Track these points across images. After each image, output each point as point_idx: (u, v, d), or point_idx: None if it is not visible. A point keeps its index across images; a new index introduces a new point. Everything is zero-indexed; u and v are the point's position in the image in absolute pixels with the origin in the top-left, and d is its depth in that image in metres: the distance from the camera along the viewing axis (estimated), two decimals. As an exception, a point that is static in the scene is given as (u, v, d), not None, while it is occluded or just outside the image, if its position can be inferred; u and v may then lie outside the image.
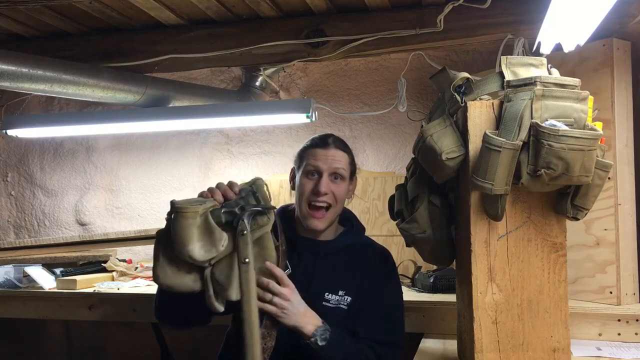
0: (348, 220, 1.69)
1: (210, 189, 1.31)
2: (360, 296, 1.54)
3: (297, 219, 1.62)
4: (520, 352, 1.21)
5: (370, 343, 1.49)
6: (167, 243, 1.20)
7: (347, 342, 1.44)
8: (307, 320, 1.40)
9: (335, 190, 1.54)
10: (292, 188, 1.64)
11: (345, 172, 1.57)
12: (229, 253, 1.21)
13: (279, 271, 1.38)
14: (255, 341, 1.16)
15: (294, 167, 1.65)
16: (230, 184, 1.32)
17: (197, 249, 1.17)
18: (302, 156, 1.60)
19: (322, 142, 1.59)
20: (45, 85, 1.89)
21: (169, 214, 1.24)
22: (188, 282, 1.22)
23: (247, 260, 1.18)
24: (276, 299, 1.37)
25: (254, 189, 1.29)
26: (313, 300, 1.50)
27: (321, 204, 1.53)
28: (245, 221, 1.20)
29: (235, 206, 1.24)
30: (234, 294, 1.21)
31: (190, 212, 1.17)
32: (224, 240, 1.19)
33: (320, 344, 1.38)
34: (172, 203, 1.21)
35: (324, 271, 1.55)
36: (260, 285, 1.34)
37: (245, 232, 1.19)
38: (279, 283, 1.37)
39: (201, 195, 1.30)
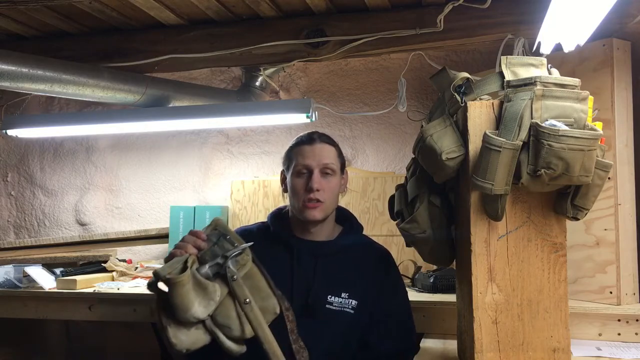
0: (346, 219, 1.68)
1: (180, 246, 1.34)
2: (367, 303, 1.53)
3: (292, 221, 1.62)
4: (520, 352, 1.21)
5: (385, 355, 1.50)
6: (168, 311, 1.26)
7: None
8: None
9: (327, 186, 1.54)
10: (285, 190, 1.64)
11: (334, 165, 1.57)
12: (222, 299, 1.29)
13: None
14: None
15: (283, 170, 1.64)
16: (196, 234, 1.35)
17: (198, 308, 1.25)
18: (290, 156, 1.59)
19: (308, 138, 1.59)
20: (45, 85, 1.89)
21: (152, 285, 1.30)
22: (201, 336, 1.28)
23: (247, 300, 1.28)
24: None
25: (221, 230, 1.36)
26: (315, 303, 1.49)
27: (314, 200, 1.53)
28: (232, 267, 1.29)
29: (215, 256, 1.31)
30: (247, 331, 1.29)
31: (184, 279, 1.23)
32: (217, 291, 1.27)
33: None
34: (157, 274, 1.25)
35: (325, 273, 1.54)
36: None
37: (236, 276, 1.28)
38: None
39: (174, 255, 1.33)
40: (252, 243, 1.35)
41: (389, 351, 1.51)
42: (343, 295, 1.52)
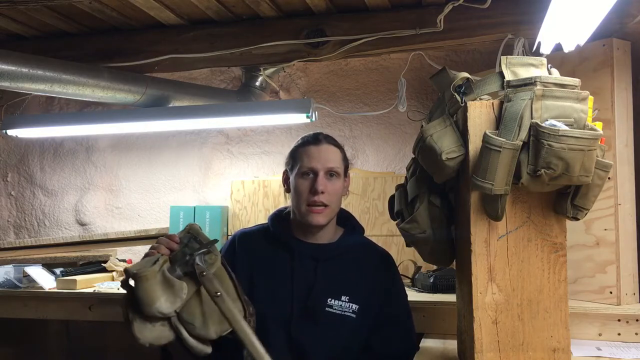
0: (347, 220, 1.67)
1: (154, 247, 1.36)
2: (369, 307, 1.53)
3: (293, 222, 1.61)
4: (520, 352, 1.21)
5: (388, 357, 1.50)
6: (135, 306, 1.27)
7: None
8: None
9: (331, 188, 1.53)
10: (287, 191, 1.62)
11: (339, 169, 1.57)
12: (189, 297, 1.30)
13: None
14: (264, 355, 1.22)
15: (286, 170, 1.62)
16: (169, 237, 1.37)
17: (164, 303, 1.25)
18: (295, 156, 1.58)
19: (314, 139, 1.58)
20: (45, 85, 1.89)
21: (123, 282, 1.32)
22: (165, 333, 1.29)
23: (218, 293, 1.27)
24: None
25: (193, 233, 1.38)
26: (315, 306, 1.49)
27: (319, 204, 1.52)
28: (200, 263, 1.31)
29: (184, 256, 1.33)
30: (211, 329, 1.29)
31: (149, 273, 1.25)
32: (184, 289, 1.28)
33: None
34: (127, 271, 1.28)
35: (326, 276, 1.53)
36: None
37: (205, 272, 1.29)
38: None
39: (148, 255, 1.35)
40: (217, 240, 1.37)
41: (392, 353, 1.51)
42: (343, 298, 1.52)
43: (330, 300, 1.51)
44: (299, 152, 1.57)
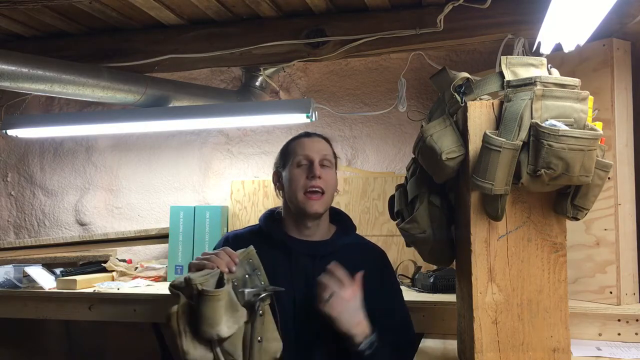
0: (340, 218, 1.68)
1: (213, 259, 1.33)
2: (367, 301, 1.53)
3: (286, 221, 1.62)
4: (520, 352, 1.21)
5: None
6: (191, 319, 1.24)
7: (388, 350, 1.46)
8: (359, 330, 1.42)
9: (326, 177, 1.58)
10: (279, 188, 1.65)
11: (332, 160, 1.63)
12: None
13: (340, 273, 1.43)
14: None
15: (277, 170, 1.66)
16: (231, 254, 1.35)
17: (224, 327, 1.23)
18: (288, 151, 1.63)
19: (305, 134, 1.65)
20: (45, 85, 1.89)
21: (177, 287, 1.27)
22: (207, 355, 1.27)
23: (260, 339, 1.28)
24: (333, 300, 1.40)
25: (255, 263, 1.37)
26: (315, 303, 1.50)
27: (317, 189, 1.55)
28: (262, 303, 1.30)
29: (244, 284, 1.32)
30: None
31: (222, 294, 1.22)
32: (244, 317, 1.27)
33: (366, 353, 1.41)
34: (190, 280, 1.24)
35: (324, 272, 1.54)
36: (321, 284, 1.42)
37: (262, 312, 1.29)
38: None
39: (203, 265, 1.32)
40: (283, 289, 1.36)
41: (392, 345, 1.51)
42: None
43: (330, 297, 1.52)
44: (292, 145, 1.62)
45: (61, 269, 2.27)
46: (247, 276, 1.34)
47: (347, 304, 1.42)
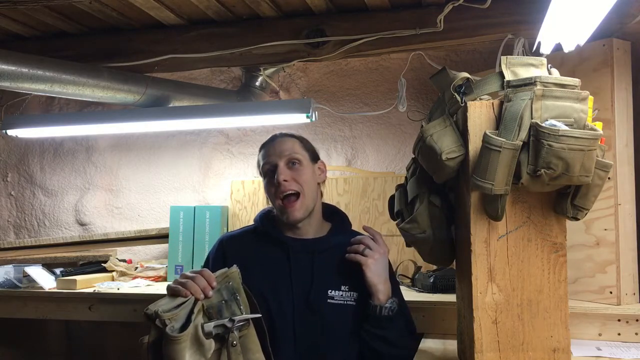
0: (335, 215, 1.68)
1: (189, 286, 1.28)
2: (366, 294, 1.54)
3: (279, 221, 1.62)
4: (520, 352, 1.21)
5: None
6: (158, 353, 1.22)
7: (404, 321, 1.52)
8: (385, 288, 1.48)
9: (296, 176, 1.55)
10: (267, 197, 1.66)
11: (299, 155, 1.58)
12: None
13: (372, 230, 1.51)
14: None
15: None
16: (208, 278, 1.30)
17: None
18: (258, 160, 1.63)
19: (269, 139, 1.64)
20: (45, 85, 1.89)
21: (148, 317, 1.24)
22: None
23: None
24: (368, 251, 1.47)
25: (233, 286, 1.31)
26: (317, 299, 1.50)
27: (288, 192, 1.53)
28: (236, 333, 1.26)
29: (220, 312, 1.27)
30: None
31: (182, 337, 1.18)
32: (211, 349, 1.24)
33: (387, 313, 1.45)
34: (157, 315, 1.20)
35: (323, 268, 1.55)
36: (355, 239, 1.52)
37: (236, 342, 1.25)
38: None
39: (177, 292, 1.27)
40: (260, 315, 1.33)
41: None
42: (343, 288, 1.54)
43: (330, 292, 1.53)
44: (259, 156, 1.62)
45: (61, 269, 2.27)
46: (223, 302, 1.29)
47: (379, 258, 1.48)
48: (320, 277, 1.54)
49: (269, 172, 1.57)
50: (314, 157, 1.64)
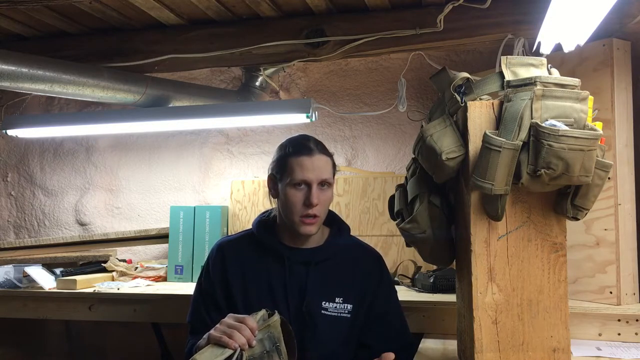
0: (333, 220, 1.65)
1: (236, 337, 1.24)
2: (363, 305, 1.54)
3: (281, 228, 1.59)
4: (520, 352, 1.21)
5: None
6: None
7: None
8: None
9: (323, 198, 1.52)
10: (274, 196, 1.59)
11: (331, 179, 1.55)
12: None
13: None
14: None
15: (272, 174, 1.57)
16: (252, 327, 1.27)
17: None
18: (285, 166, 1.52)
19: (306, 149, 1.52)
20: (45, 85, 1.89)
21: None
22: None
23: None
24: None
25: (274, 337, 1.29)
26: (310, 310, 1.49)
27: (312, 215, 1.50)
28: None
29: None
30: None
31: None
32: None
33: None
34: None
35: (318, 280, 1.53)
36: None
37: None
38: None
39: (219, 340, 1.25)
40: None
41: (392, 349, 1.51)
42: (337, 300, 1.52)
43: (324, 304, 1.51)
44: (291, 162, 1.51)
45: (61, 269, 2.27)
46: (265, 353, 1.26)
47: None
48: (314, 288, 1.52)
49: (300, 185, 1.50)
50: (334, 174, 1.60)
